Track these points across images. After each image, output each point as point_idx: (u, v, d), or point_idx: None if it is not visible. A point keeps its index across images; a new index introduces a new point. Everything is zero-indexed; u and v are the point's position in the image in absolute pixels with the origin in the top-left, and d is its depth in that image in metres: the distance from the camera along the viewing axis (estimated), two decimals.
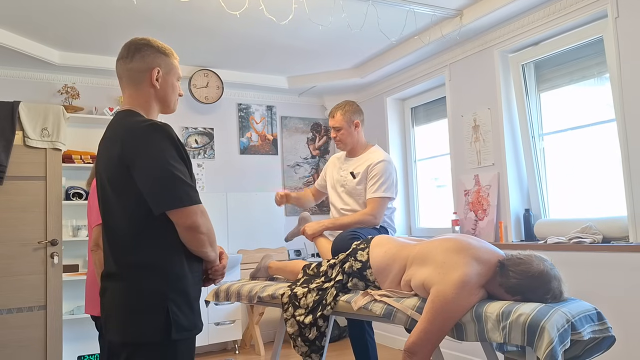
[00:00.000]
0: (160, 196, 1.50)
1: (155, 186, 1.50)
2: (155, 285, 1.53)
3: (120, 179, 1.53)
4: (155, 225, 1.54)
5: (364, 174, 3.00)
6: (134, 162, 1.51)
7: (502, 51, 3.85)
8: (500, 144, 3.84)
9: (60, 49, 4.21)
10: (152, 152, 1.51)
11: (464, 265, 1.97)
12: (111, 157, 1.56)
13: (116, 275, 1.58)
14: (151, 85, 1.66)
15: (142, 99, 1.66)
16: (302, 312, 2.35)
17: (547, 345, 1.71)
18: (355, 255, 2.36)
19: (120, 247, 1.57)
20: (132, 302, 1.53)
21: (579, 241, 3.18)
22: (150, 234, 1.54)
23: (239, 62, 4.71)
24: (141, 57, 1.65)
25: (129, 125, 1.56)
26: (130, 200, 1.53)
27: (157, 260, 1.54)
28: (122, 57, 1.67)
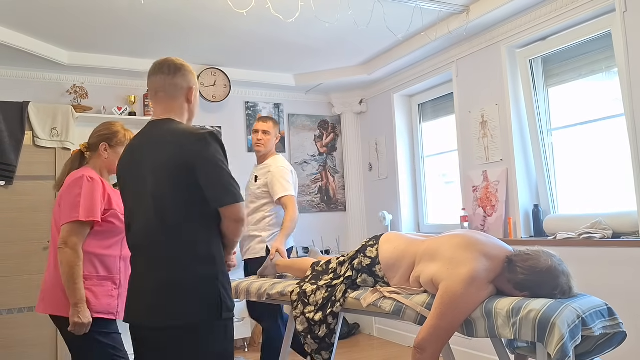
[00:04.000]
0: (221, 193, 1.76)
1: (217, 185, 1.76)
2: (208, 270, 1.75)
3: (184, 178, 1.75)
4: (206, 217, 1.78)
5: (265, 178, 3.39)
6: (196, 163, 1.74)
7: (509, 46, 3.84)
8: (509, 140, 3.83)
9: (69, 49, 4.23)
10: (212, 155, 1.77)
11: (472, 261, 1.97)
12: (169, 158, 1.77)
13: (170, 262, 1.74)
14: (187, 100, 1.94)
15: (178, 110, 1.91)
16: (311, 310, 2.35)
17: (558, 341, 1.71)
18: (364, 252, 2.36)
19: (174, 237, 1.75)
20: (193, 288, 1.72)
21: (588, 237, 3.16)
22: (202, 224, 1.77)
23: (246, 61, 4.72)
24: (182, 75, 1.91)
25: (184, 131, 1.81)
26: (191, 196, 1.75)
27: (213, 251, 1.78)
28: (163, 73, 1.90)
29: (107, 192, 2.30)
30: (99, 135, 2.39)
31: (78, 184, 2.22)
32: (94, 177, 2.26)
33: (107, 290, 2.25)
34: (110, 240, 2.29)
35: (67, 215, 2.17)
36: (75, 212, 2.16)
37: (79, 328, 2.12)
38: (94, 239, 2.23)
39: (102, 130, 2.40)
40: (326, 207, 5.65)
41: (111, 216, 2.27)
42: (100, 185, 2.27)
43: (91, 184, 2.23)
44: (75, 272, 2.12)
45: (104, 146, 2.37)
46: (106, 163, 2.39)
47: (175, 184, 1.76)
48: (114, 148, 2.38)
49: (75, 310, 2.12)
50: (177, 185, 1.76)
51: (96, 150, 2.38)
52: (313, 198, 5.59)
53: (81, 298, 2.13)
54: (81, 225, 2.17)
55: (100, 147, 2.37)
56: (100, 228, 2.24)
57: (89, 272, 2.21)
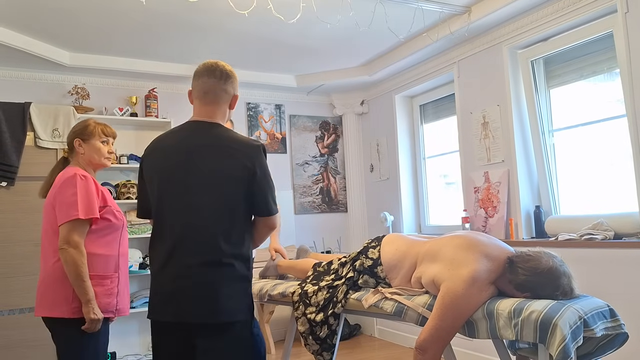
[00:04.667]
0: (269, 204, 1.88)
1: (268, 195, 1.88)
2: (244, 272, 1.85)
3: (244, 183, 1.83)
4: (249, 222, 1.89)
5: None
6: (256, 172, 1.84)
7: (511, 47, 3.84)
8: (510, 141, 3.83)
9: (71, 50, 4.24)
10: (266, 167, 1.89)
11: (473, 262, 1.97)
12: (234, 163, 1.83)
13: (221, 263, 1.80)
14: (230, 107, 2.01)
15: (222, 115, 1.97)
16: (312, 310, 2.35)
17: (559, 342, 1.71)
18: (366, 253, 2.36)
19: (225, 239, 1.81)
20: (233, 287, 1.81)
21: (590, 238, 3.16)
22: (247, 228, 1.88)
23: (248, 62, 4.72)
24: (231, 82, 1.97)
25: (244, 140, 1.90)
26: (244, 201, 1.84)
27: (245, 251, 1.87)
28: (215, 77, 1.93)
29: (100, 189, 2.27)
30: (71, 134, 2.36)
31: (71, 182, 2.18)
32: (85, 175, 2.23)
33: (107, 289, 2.22)
34: (107, 237, 2.25)
35: (65, 215, 2.13)
36: (74, 210, 2.12)
37: (94, 324, 2.11)
38: (91, 237, 2.20)
39: (73, 128, 2.38)
40: (327, 208, 5.65)
41: (107, 213, 2.24)
42: (92, 182, 2.24)
43: (85, 182, 2.19)
44: (82, 270, 2.11)
45: (77, 142, 2.32)
46: (85, 159, 2.33)
47: (236, 189, 1.83)
48: (88, 142, 2.33)
49: (89, 307, 2.11)
50: (237, 190, 1.83)
51: (73, 150, 2.34)
52: (314, 199, 5.59)
53: (92, 295, 2.12)
54: (81, 223, 2.15)
55: (75, 143, 2.32)
56: (97, 226, 2.21)
57: (90, 272, 2.17)
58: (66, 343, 2.15)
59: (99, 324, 2.14)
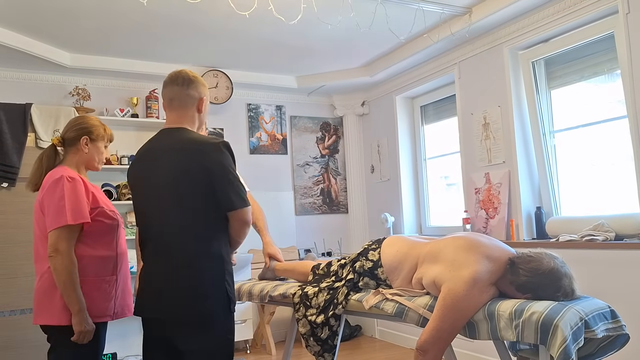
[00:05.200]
0: (233, 198, 1.93)
1: (230, 190, 1.92)
2: (220, 270, 1.92)
3: (201, 182, 1.91)
4: (217, 219, 1.94)
5: None
6: (214, 169, 1.91)
7: (512, 48, 3.83)
8: (511, 142, 3.82)
9: (72, 51, 4.24)
10: (227, 163, 1.94)
11: (474, 263, 1.97)
12: (191, 164, 1.92)
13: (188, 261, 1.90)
14: (197, 110, 2.09)
15: (190, 119, 2.07)
16: (313, 312, 2.35)
17: (560, 343, 1.70)
18: (366, 255, 2.35)
19: (190, 238, 1.91)
20: (203, 285, 1.89)
21: (591, 239, 3.15)
22: (214, 226, 1.94)
23: (248, 63, 4.72)
24: (194, 87, 2.06)
25: (204, 139, 1.97)
26: (205, 199, 1.92)
27: (221, 250, 1.94)
28: (178, 84, 2.05)
29: (90, 190, 2.16)
30: (78, 129, 2.22)
31: (58, 186, 2.06)
32: (73, 177, 2.11)
33: (105, 293, 2.14)
34: (102, 239, 2.16)
35: (53, 221, 2.03)
36: (62, 216, 2.02)
37: (84, 336, 2.03)
38: (86, 241, 2.11)
39: (81, 124, 2.24)
40: (328, 209, 5.65)
41: (99, 215, 2.14)
42: (82, 183, 2.12)
43: (72, 184, 2.08)
44: (72, 279, 2.01)
45: (85, 140, 2.21)
46: (85, 158, 2.24)
47: (195, 188, 1.92)
48: (95, 143, 2.24)
49: (79, 318, 2.02)
50: (195, 190, 1.92)
51: (74, 145, 2.22)
52: (315, 200, 5.58)
53: (83, 305, 2.03)
54: (70, 230, 2.04)
55: (82, 141, 2.21)
56: (90, 229, 2.11)
57: (85, 277, 2.09)
58: (64, 350, 2.07)
59: (90, 335, 2.05)
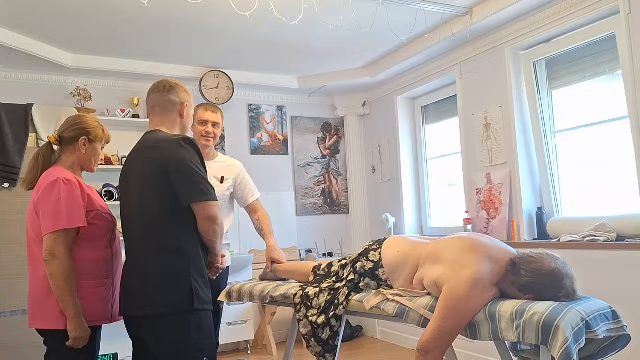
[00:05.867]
0: (190, 191, 1.96)
1: (187, 183, 1.96)
2: (180, 262, 1.95)
3: (159, 178, 1.97)
4: (179, 214, 1.97)
5: (235, 179, 3.03)
6: (169, 163, 1.96)
7: (513, 49, 3.83)
8: (512, 142, 3.82)
9: (73, 52, 4.24)
10: (183, 156, 1.97)
11: (476, 264, 1.97)
12: (149, 161, 2.01)
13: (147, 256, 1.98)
14: (179, 115, 2.19)
15: (170, 123, 2.17)
16: (314, 313, 2.35)
17: (562, 344, 1.70)
18: (367, 255, 2.35)
19: (151, 233, 1.98)
20: (164, 279, 1.94)
21: (592, 239, 3.15)
22: (175, 220, 1.97)
23: (249, 63, 4.72)
24: (175, 92, 2.17)
25: (164, 138, 2.04)
26: (165, 195, 1.96)
27: (183, 244, 1.97)
28: (159, 91, 2.18)
29: (86, 192, 2.12)
30: (78, 129, 2.17)
31: (55, 188, 2.02)
32: (69, 179, 2.06)
33: (102, 296, 2.12)
34: (99, 242, 2.13)
35: (50, 224, 1.99)
36: (59, 220, 1.98)
37: (79, 341, 1.99)
38: (82, 244, 2.07)
39: (79, 124, 2.19)
40: (329, 209, 5.65)
41: (95, 218, 2.11)
42: (78, 186, 2.08)
43: (69, 187, 2.04)
44: (68, 284, 1.97)
45: (83, 140, 2.17)
46: (82, 159, 2.20)
47: (154, 184, 1.99)
48: (93, 144, 2.20)
49: (74, 324, 1.98)
50: (154, 185, 1.99)
51: (71, 145, 2.17)
52: (316, 200, 5.59)
53: (78, 311, 1.99)
54: (66, 233, 2.00)
55: (80, 141, 2.16)
56: (87, 232, 2.07)
57: (82, 280, 2.05)
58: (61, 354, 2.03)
59: (86, 340, 2.01)
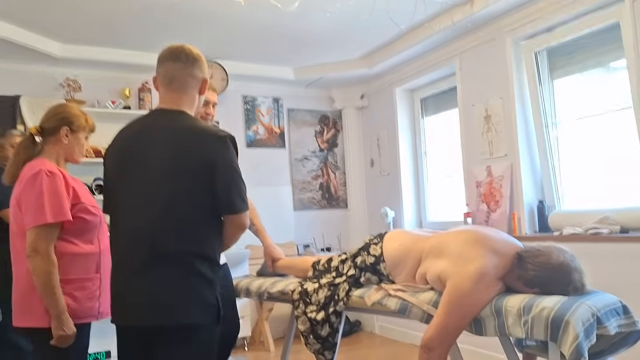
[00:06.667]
0: (234, 200, 1.73)
1: (233, 191, 1.73)
2: (211, 273, 1.72)
3: (199, 177, 1.70)
4: (214, 220, 1.75)
5: None
6: (217, 165, 1.70)
7: (514, 38, 3.75)
8: (513, 134, 3.75)
9: (62, 41, 4.13)
10: (231, 160, 1.75)
11: (481, 257, 1.91)
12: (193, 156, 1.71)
13: (178, 262, 1.68)
14: (199, 92, 1.88)
15: (190, 102, 1.85)
16: (313, 309, 2.27)
17: (572, 340, 1.63)
18: (368, 250, 2.28)
19: (184, 237, 1.69)
20: (193, 288, 1.68)
21: (596, 232, 3.09)
22: (211, 227, 1.75)
23: (244, 53, 4.63)
24: (199, 66, 1.85)
25: (211, 131, 1.78)
26: (205, 197, 1.70)
27: (214, 252, 1.75)
28: (181, 61, 1.82)
29: (70, 184, 2.02)
30: (59, 119, 2.09)
31: (37, 181, 1.94)
32: (53, 171, 1.97)
33: (89, 292, 2.02)
34: (85, 236, 2.04)
35: (32, 219, 1.91)
36: (42, 215, 1.90)
37: (64, 340, 1.91)
38: (68, 238, 1.98)
39: (60, 113, 2.11)
40: (327, 204, 5.58)
41: (80, 211, 2.01)
42: (62, 178, 1.99)
43: (52, 179, 1.95)
44: (52, 281, 1.89)
45: (65, 131, 2.08)
46: (65, 150, 2.10)
47: (194, 183, 1.70)
48: (75, 134, 2.10)
49: (59, 322, 1.89)
50: (195, 185, 1.70)
51: (53, 135, 2.08)
52: (314, 195, 5.51)
53: (63, 308, 1.90)
54: (50, 228, 1.92)
55: (61, 131, 2.07)
56: (72, 226, 1.98)
57: (68, 276, 1.96)
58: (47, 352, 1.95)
59: (71, 339, 1.92)
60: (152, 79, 1.90)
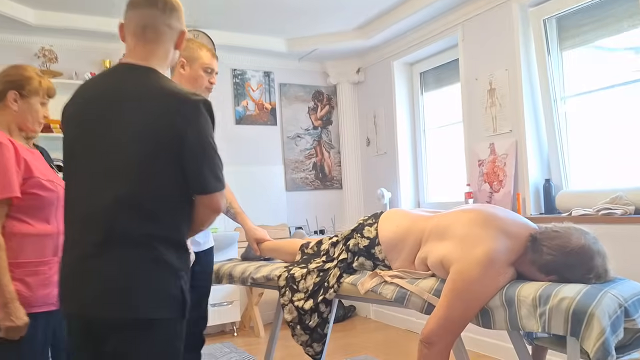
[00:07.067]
0: (208, 178, 1.49)
1: (206, 167, 1.49)
2: (178, 260, 1.49)
3: (168, 149, 1.45)
4: (184, 201, 1.51)
5: None
6: (187, 135, 1.46)
7: (521, 5, 3.50)
8: (519, 109, 3.53)
9: (36, 8, 3.86)
10: (205, 131, 1.49)
11: (489, 239, 1.68)
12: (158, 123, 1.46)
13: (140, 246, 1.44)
14: (175, 47, 1.64)
15: (163, 57, 1.60)
16: (301, 297, 2.05)
17: (597, 336, 1.41)
18: (361, 231, 2.04)
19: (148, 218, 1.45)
20: (152, 276, 1.44)
21: (608, 213, 2.88)
22: (179, 208, 1.51)
23: (233, 22, 4.35)
24: (177, 16, 1.61)
25: (178, 92, 1.50)
26: (171, 173, 1.47)
27: (179, 236, 1.51)
28: (157, 9, 1.57)
29: (22, 156, 1.81)
30: (6, 82, 1.88)
31: None
32: (1, 141, 1.78)
33: (44, 278, 1.82)
34: (39, 215, 1.84)
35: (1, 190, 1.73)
36: None
37: (14, 332, 1.71)
38: (18, 217, 1.79)
39: (9, 75, 1.89)
40: (321, 184, 5.37)
41: (33, 186, 1.81)
42: (12, 149, 1.79)
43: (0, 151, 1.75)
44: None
45: (12, 95, 1.87)
46: (16, 118, 1.89)
47: (161, 156, 1.46)
48: (26, 99, 1.89)
49: (6, 311, 1.69)
50: (161, 158, 1.46)
51: (1, 101, 1.88)
52: (307, 175, 5.31)
53: (11, 296, 1.70)
54: None
55: (8, 96, 1.87)
56: (23, 203, 1.79)
57: (19, 259, 1.77)
58: None
59: (22, 330, 1.72)
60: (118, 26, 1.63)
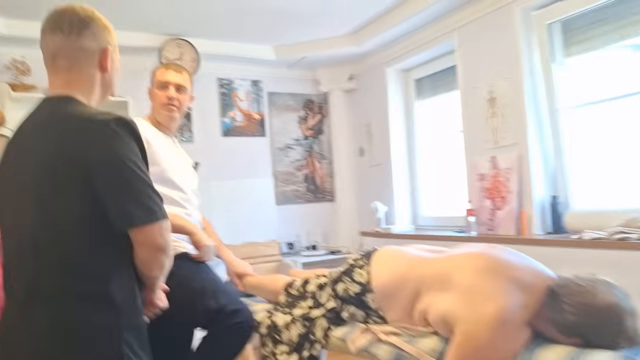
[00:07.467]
0: (128, 207, 1.27)
1: (123, 195, 1.27)
2: (104, 317, 1.25)
3: (77, 184, 1.27)
4: (110, 245, 1.29)
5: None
6: (95, 166, 1.27)
7: (523, 8, 3.35)
8: (522, 120, 3.37)
9: (8, 17, 3.69)
10: (117, 154, 1.28)
11: (501, 294, 1.45)
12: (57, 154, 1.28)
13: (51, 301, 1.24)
14: (99, 68, 1.44)
15: (86, 84, 1.41)
16: (284, 350, 1.81)
17: None
18: (351, 275, 1.80)
19: (65, 271, 1.26)
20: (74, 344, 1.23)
21: (623, 237, 2.66)
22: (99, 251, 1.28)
23: (219, 30, 4.20)
24: (91, 34, 1.42)
25: (84, 116, 1.31)
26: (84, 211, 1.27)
27: (112, 289, 1.27)
28: (63, 32, 1.40)
29: None
30: None
31: None
32: None
33: None
34: None
35: None
36: None
37: None
38: None
39: None
40: (312, 197, 5.22)
41: None
42: None
43: None
44: None
45: None
46: None
47: (66, 193, 1.27)
48: None
49: None
50: (67, 194, 1.27)
51: None
52: (298, 187, 5.16)
53: None
54: None
55: None
56: None
57: None
58: None
59: None
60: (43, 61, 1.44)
